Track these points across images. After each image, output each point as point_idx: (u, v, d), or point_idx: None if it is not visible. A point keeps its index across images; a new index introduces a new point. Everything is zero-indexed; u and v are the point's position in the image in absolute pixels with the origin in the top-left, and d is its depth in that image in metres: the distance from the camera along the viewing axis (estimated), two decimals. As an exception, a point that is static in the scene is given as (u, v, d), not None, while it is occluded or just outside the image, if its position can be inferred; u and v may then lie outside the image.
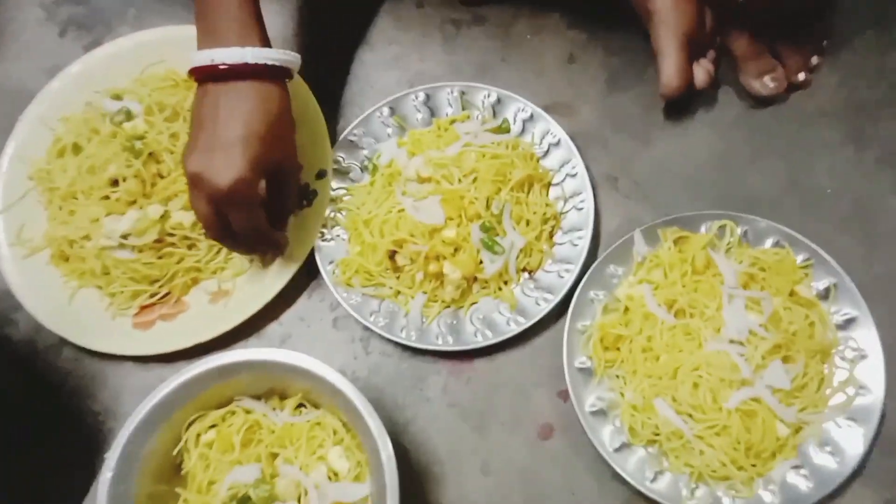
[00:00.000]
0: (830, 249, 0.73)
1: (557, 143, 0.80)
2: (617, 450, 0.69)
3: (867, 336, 0.71)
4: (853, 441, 0.68)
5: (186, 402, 0.68)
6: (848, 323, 0.72)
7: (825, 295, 0.73)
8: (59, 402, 0.77)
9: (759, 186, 0.79)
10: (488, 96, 0.82)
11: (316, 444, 0.69)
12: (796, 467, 0.68)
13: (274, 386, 0.71)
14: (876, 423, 0.68)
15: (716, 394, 0.68)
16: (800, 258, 0.74)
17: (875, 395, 0.69)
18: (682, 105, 0.82)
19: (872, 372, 0.70)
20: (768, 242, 0.75)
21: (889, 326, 0.71)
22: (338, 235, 0.79)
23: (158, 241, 0.77)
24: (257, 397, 0.71)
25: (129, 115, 0.80)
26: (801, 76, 0.82)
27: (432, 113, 0.83)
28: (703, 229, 0.76)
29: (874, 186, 0.78)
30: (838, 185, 0.79)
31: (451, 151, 0.77)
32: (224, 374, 0.67)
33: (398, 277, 0.77)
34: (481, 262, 0.75)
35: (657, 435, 0.69)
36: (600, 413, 0.71)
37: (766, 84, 0.81)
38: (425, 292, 0.76)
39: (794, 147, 0.81)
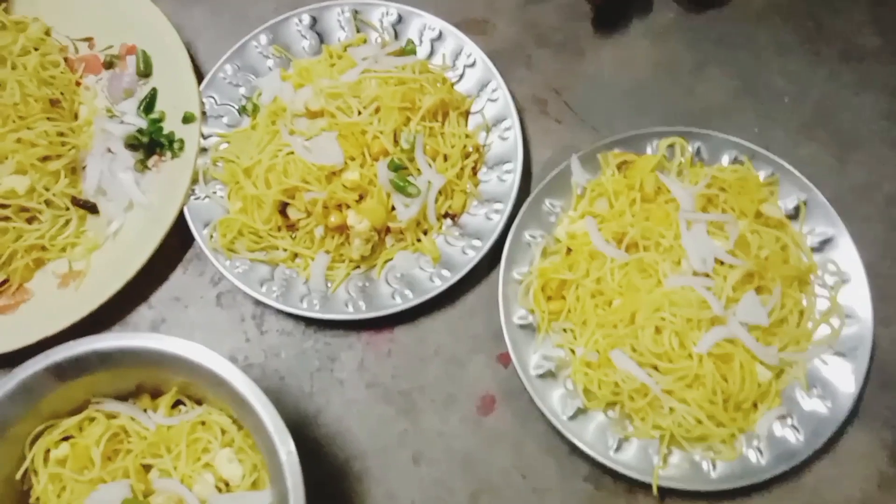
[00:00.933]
0: (795, 161, 0.64)
1: (473, 64, 0.68)
2: (572, 417, 0.58)
3: (847, 256, 0.62)
4: (844, 379, 0.59)
5: (26, 411, 0.54)
6: (824, 244, 0.63)
7: (795, 214, 0.64)
8: None
9: (708, 97, 0.70)
10: (387, 14, 0.70)
11: (199, 448, 0.56)
12: (783, 417, 0.59)
13: (143, 381, 0.58)
14: (867, 356, 0.60)
15: (683, 338, 0.57)
16: (762, 174, 0.65)
17: (862, 322, 0.61)
18: (611, 13, 0.72)
19: (857, 297, 0.61)
20: (725, 159, 0.66)
21: (869, 243, 0.63)
22: (214, 192, 0.65)
23: (-15, 215, 0.62)
24: (122, 398, 0.58)
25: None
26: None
27: (321, 39, 0.70)
28: (649, 150, 0.66)
29: (838, 86, 0.70)
30: (797, 88, 0.70)
31: (348, 79, 0.64)
32: (71, 372, 0.54)
33: (293, 237, 0.63)
34: (393, 208, 0.62)
35: (617, 394, 0.59)
36: (548, 375, 0.60)
37: (705, -17, 0.71)
38: (328, 251, 0.63)
39: (743, 50, 0.72)
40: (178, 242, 0.65)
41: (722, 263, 0.59)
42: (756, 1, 0.72)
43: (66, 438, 0.56)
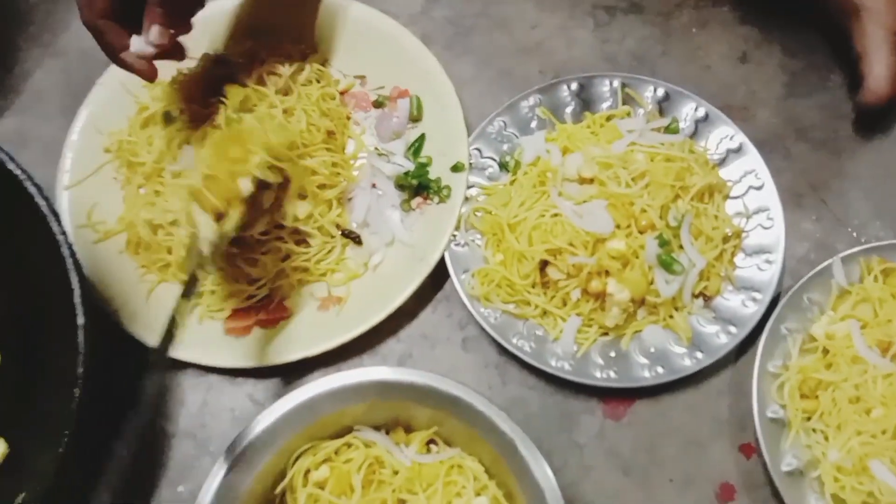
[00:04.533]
0: None
1: (738, 150, 0.71)
2: (819, 521, 0.60)
3: None
4: None
5: (301, 429, 0.59)
6: None
7: None
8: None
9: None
10: (655, 91, 0.73)
11: (453, 491, 0.60)
12: None
13: (398, 415, 0.62)
14: None
15: (948, 458, 0.58)
16: None
17: None
18: (876, 117, 0.74)
19: None
20: None
21: None
22: (472, 240, 0.70)
23: (264, 233, 0.67)
24: (378, 428, 0.62)
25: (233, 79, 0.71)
26: None
27: (585, 106, 0.74)
28: (910, 260, 0.67)
29: None
30: None
31: (617, 150, 0.68)
32: (344, 398, 0.58)
33: (545, 294, 0.67)
34: (652, 282, 0.65)
35: (868, 504, 0.60)
36: (796, 474, 0.61)
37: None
38: (580, 314, 0.66)
39: None
40: (430, 283, 0.69)
41: None
42: None
43: (325, 461, 0.60)
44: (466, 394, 0.57)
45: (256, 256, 0.67)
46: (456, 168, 0.71)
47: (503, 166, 0.73)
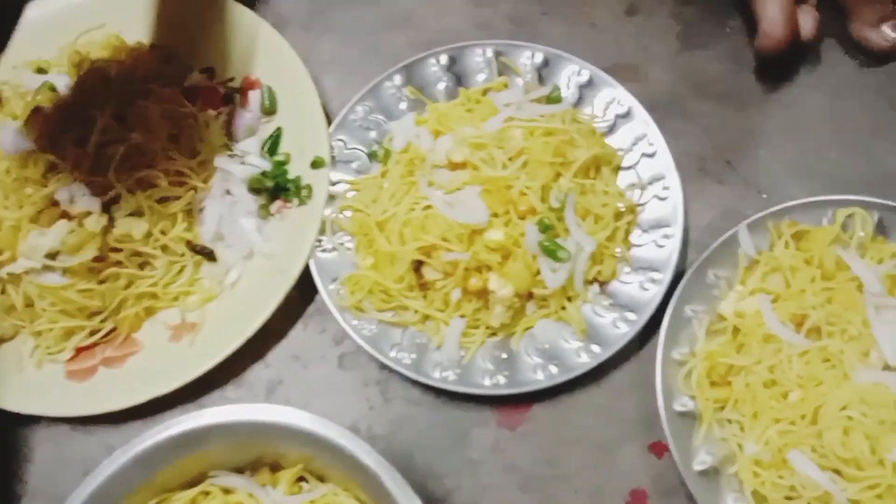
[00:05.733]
0: None
1: (627, 114, 0.65)
2: (739, 523, 0.54)
3: None
4: None
5: (140, 483, 0.52)
6: None
7: None
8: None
9: (888, 164, 0.66)
10: (532, 57, 0.67)
11: (327, 532, 0.53)
12: (984, 536, 0.53)
13: (263, 454, 0.55)
14: None
15: (875, 442, 0.53)
16: (956, 253, 0.60)
17: None
18: (779, 64, 0.68)
19: None
20: (911, 234, 0.61)
21: None
22: (341, 244, 0.63)
23: (99, 259, 0.61)
24: (239, 470, 0.55)
25: (53, 93, 0.63)
26: (929, 21, 0.69)
27: (458, 81, 0.68)
28: (824, 221, 0.61)
29: None
30: None
31: (491, 128, 0.62)
32: (192, 444, 0.52)
33: (425, 297, 0.61)
34: (538, 272, 0.59)
35: (792, 499, 0.54)
36: (711, 472, 0.56)
37: (886, 34, 0.68)
38: (463, 316, 0.60)
39: (928, 111, 0.67)
40: (298, 296, 0.63)
41: (918, 357, 0.55)
42: (946, 55, 0.68)
43: (178, 513, 0.54)
44: (323, 427, 0.51)
45: (93, 286, 0.60)
46: (315, 164, 0.64)
47: (373, 156, 0.66)
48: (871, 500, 0.53)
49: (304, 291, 0.63)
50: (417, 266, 0.60)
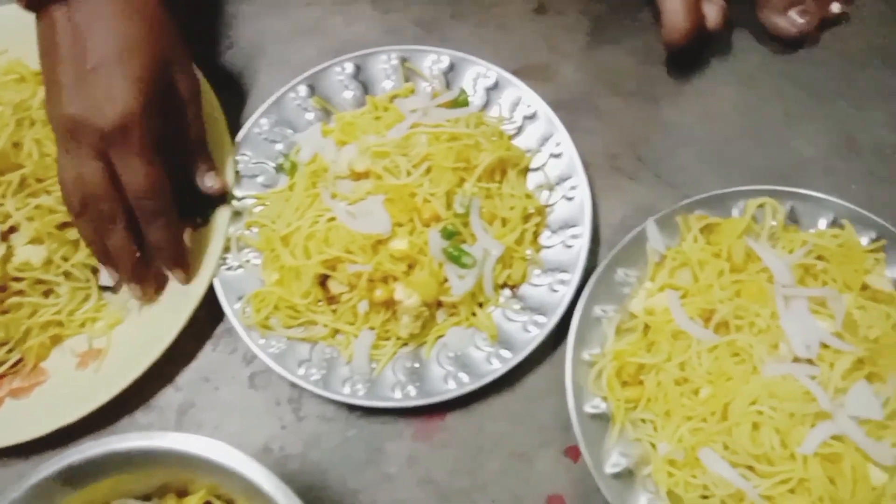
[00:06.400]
0: (900, 225, 0.59)
1: (533, 116, 0.65)
2: (654, 525, 0.54)
3: (969, 335, 0.57)
4: (975, 481, 0.53)
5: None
6: (942, 320, 0.58)
7: (904, 286, 0.59)
8: None
9: (800, 151, 0.66)
10: (438, 61, 0.67)
11: (233, 558, 0.52)
12: (900, 526, 0.53)
13: (168, 481, 0.54)
14: None
15: (785, 435, 0.53)
16: (866, 239, 0.60)
17: None
18: (689, 56, 0.68)
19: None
20: (822, 222, 0.61)
21: None
22: (247, 261, 0.62)
23: (0, 289, 0.59)
24: (146, 497, 0.54)
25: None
26: (836, 7, 0.69)
27: (365, 89, 0.68)
28: (734, 212, 0.61)
29: (954, 135, 0.65)
30: (905, 140, 0.65)
31: (395, 135, 0.61)
32: (86, 476, 0.50)
33: (334, 311, 0.60)
34: (446, 280, 0.59)
35: (707, 498, 0.54)
36: (626, 474, 0.55)
37: (794, 20, 0.68)
38: (373, 328, 0.60)
39: (840, 97, 0.67)
40: (206, 316, 0.62)
41: (827, 347, 0.54)
42: (853, 42, 0.68)
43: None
44: (224, 455, 0.50)
45: (-6, 318, 0.60)
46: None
47: (280, 170, 0.66)
48: (783, 496, 0.52)
49: (212, 312, 0.62)
50: (323, 280, 0.60)
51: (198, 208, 0.63)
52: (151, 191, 0.57)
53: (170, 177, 0.58)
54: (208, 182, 0.62)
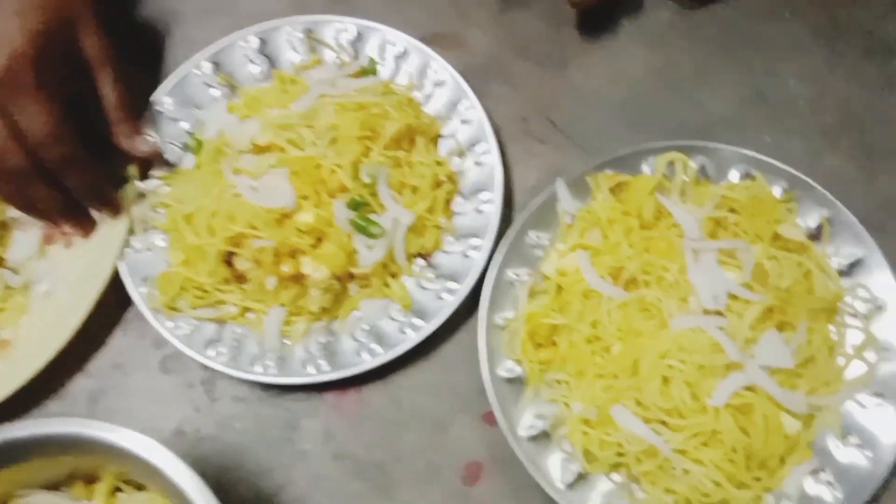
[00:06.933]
0: (816, 174, 0.60)
1: (442, 83, 0.64)
2: (571, 485, 0.54)
3: (880, 279, 0.58)
4: (885, 423, 0.54)
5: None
6: (853, 267, 0.59)
7: (817, 234, 0.59)
8: None
9: (712, 106, 0.66)
10: (345, 31, 0.66)
11: (142, 542, 0.51)
12: (815, 472, 0.54)
13: (76, 468, 0.53)
14: (911, 395, 0.54)
15: (695, 388, 0.53)
16: (778, 189, 0.60)
17: (904, 356, 0.55)
18: (599, 16, 0.68)
19: (894, 326, 0.56)
20: (734, 174, 0.61)
21: (906, 265, 0.58)
22: (154, 243, 0.61)
23: None
24: (53, 486, 0.53)
25: None
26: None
27: (272, 63, 0.66)
28: (646, 169, 0.61)
29: (861, 86, 0.65)
30: (815, 91, 0.66)
31: (299, 107, 0.61)
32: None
33: (244, 289, 0.59)
34: (356, 251, 0.58)
35: (622, 456, 0.54)
36: (542, 436, 0.55)
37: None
38: (283, 304, 0.59)
39: (750, 51, 0.67)
40: (115, 301, 0.61)
41: (736, 298, 0.54)
42: (761, -6, 0.68)
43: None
44: (124, 439, 0.49)
45: None
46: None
47: (186, 148, 0.64)
48: (697, 449, 0.52)
49: (120, 296, 0.60)
50: (229, 257, 0.59)
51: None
52: (52, 136, 0.56)
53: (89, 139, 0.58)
54: (138, 145, 0.61)
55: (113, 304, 0.61)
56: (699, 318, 0.54)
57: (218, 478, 0.56)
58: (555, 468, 0.54)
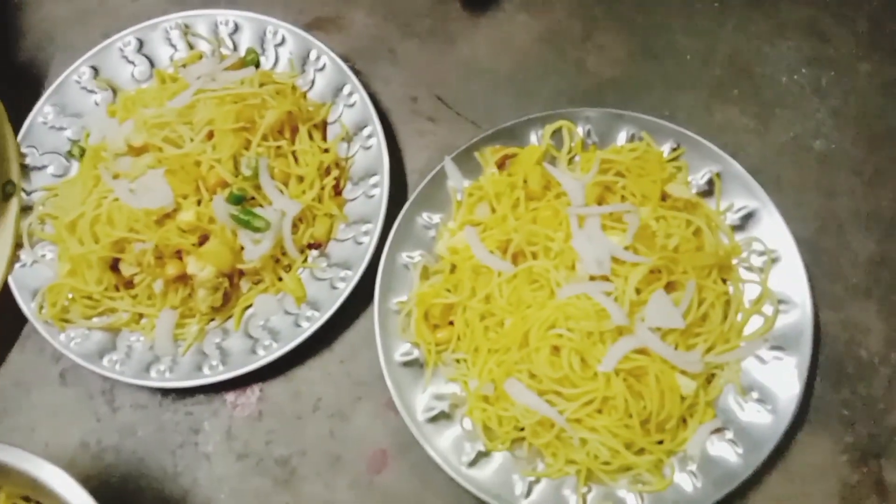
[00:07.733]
0: (708, 129, 0.60)
1: (323, 68, 0.63)
2: (472, 463, 0.53)
3: (774, 231, 0.58)
4: (786, 377, 0.54)
5: None
6: (746, 220, 0.58)
7: (709, 190, 0.59)
8: None
9: (602, 69, 0.65)
10: (224, 24, 0.65)
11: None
12: (718, 431, 0.54)
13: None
14: (810, 347, 0.54)
15: (585, 355, 0.52)
16: (666, 148, 0.60)
17: (801, 308, 0.55)
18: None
19: (790, 278, 0.56)
20: (621, 137, 0.61)
21: (800, 215, 0.58)
22: (43, 256, 0.60)
23: None
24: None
25: None
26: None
27: (152, 63, 0.65)
28: (534, 140, 0.60)
29: (749, 37, 0.65)
30: (703, 44, 0.66)
31: (176, 104, 0.60)
32: None
33: (134, 296, 0.59)
34: (241, 247, 0.57)
35: (520, 430, 0.53)
36: (442, 417, 0.55)
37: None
38: (173, 307, 0.58)
39: (635, 9, 0.67)
40: (11, 318, 0.60)
41: (623, 263, 0.54)
42: (644, -49, 0.67)
43: None
44: (9, 456, 0.49)
45: None
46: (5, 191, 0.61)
47: (70, 156, 0.64)
48: (590, 416, 0.52)
49: (16, 314, 0.60)
50: (114, 263, 0.58)
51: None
52: None
53: None
54: None
55: (9, 322, 0.60)
56: (584, 285, 0.53)
57: (123, 487, 0.56)
58: (455, 448, 0.54)
